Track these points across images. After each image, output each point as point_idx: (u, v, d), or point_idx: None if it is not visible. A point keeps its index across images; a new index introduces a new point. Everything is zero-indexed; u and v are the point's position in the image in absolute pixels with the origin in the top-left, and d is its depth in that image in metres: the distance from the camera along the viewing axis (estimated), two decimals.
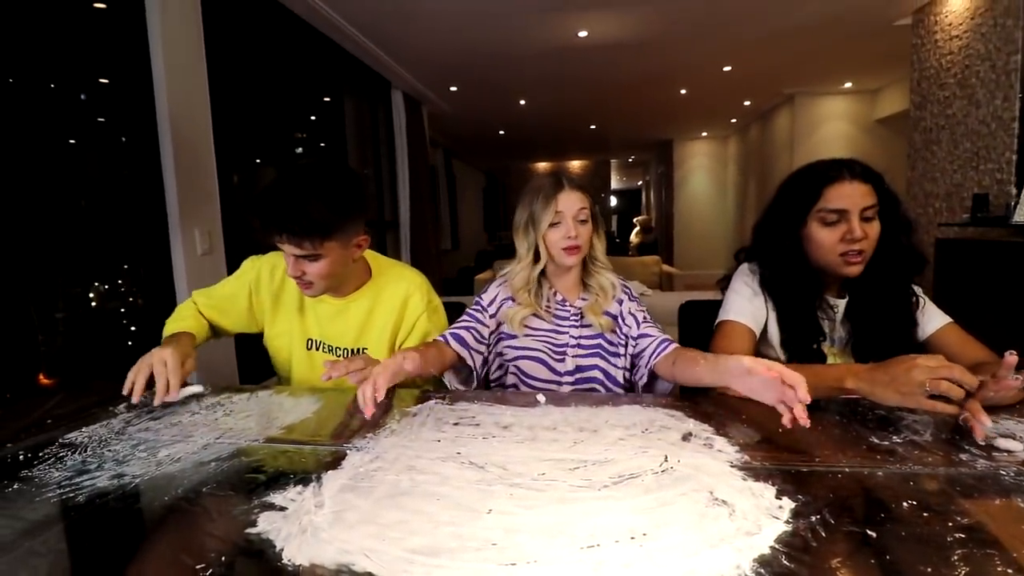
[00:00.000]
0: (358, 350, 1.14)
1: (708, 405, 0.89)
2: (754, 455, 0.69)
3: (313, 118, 4.01)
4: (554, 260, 1.12)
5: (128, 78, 2.03)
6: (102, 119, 2.02)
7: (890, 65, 4.66)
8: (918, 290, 1.05)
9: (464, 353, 1.08)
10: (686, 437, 0.75)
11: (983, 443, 0.71)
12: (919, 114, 3.53)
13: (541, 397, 0.92)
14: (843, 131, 5.72)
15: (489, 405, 0.89)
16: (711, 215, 8.62)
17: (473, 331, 1.12)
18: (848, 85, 5.53)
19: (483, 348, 1.13)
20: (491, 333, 1.15)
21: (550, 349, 1.12)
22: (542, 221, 1.08)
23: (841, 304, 1.06)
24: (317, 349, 1.16)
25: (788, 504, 0.57)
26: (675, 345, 1.05)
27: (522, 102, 5.83)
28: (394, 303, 1.14)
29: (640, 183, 14.08)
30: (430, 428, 0.80)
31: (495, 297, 1.17)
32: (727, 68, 4.85)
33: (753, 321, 1.04)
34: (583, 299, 1.16)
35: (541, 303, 1.15)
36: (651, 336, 1.09)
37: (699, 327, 1.33)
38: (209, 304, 1.18)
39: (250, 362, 2.34)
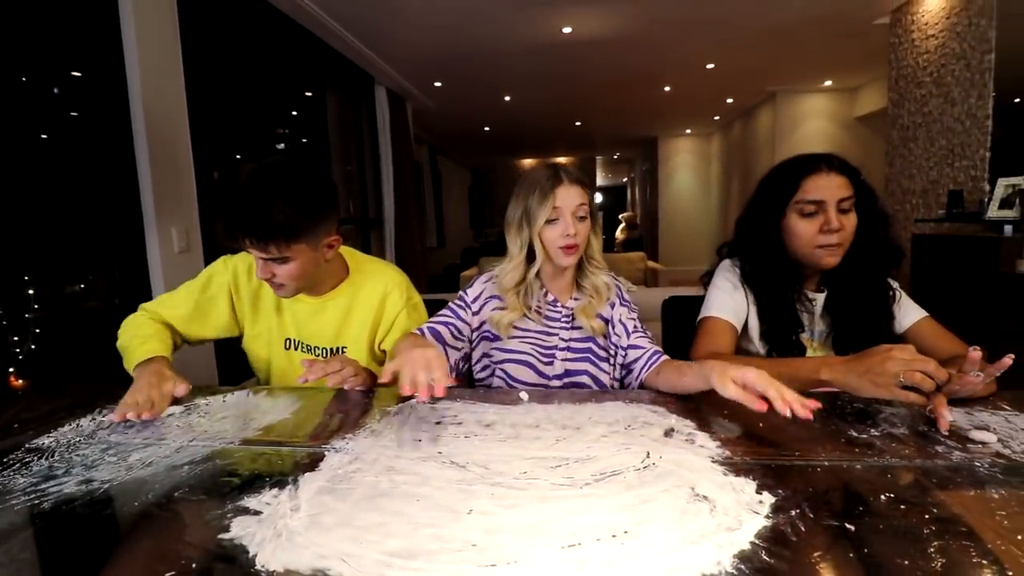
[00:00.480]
0: (337, 349, 1.12)
1: (690, 401, 0.89)
2: (735, 450, 0.70)
3: (295, 113, 3.95)
4: (551, 260, 1.05)
5: (102, 71, 1.97)
6: (75, 113, 1.97)
7: (869, 64, 4.73)
8: (894, 284, 1.07)
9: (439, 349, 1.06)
10: (668, 433, 0.75)
11: (946, 433, 0.73)
12: (896, 112, 3.60)
13: (524, 395, 0.92)
14: (823, 128, 5.80)
15: (471, 403, 0.88)
16: (695, 212, 8.69)
17: (452, 327, 1.08)
18: (828, 83, 5.60)
19: (462, 345, 1.10)
20: (473, 331, 1.12)
21: (538, 352, 1.08)
22: (538, 217, 1.01)
23: (820, 298, 1.08)
24: (296, 349, 1.13)
25: (768, 499, 0.58)
26: (664, 358, 1.01)
27: (507, 98, 5.80)
28: (372, 301, 1.12)
29: (625, 180, 14.15)
30: (411, 427, 0.79)
31: (480, 293, 1.12)
32: (710, 66, 4.88)
33: (735, 316, 1.05)
34: (575, 299, 1.11)
35: (531, 303, 1.09)
36: (641, 348, 1.05)
37: (682, 323, 1.33)
38: (182, 316, 1.10)
39: (229, 363, 2.29)
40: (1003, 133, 2.87)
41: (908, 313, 1.06)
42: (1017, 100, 3.06)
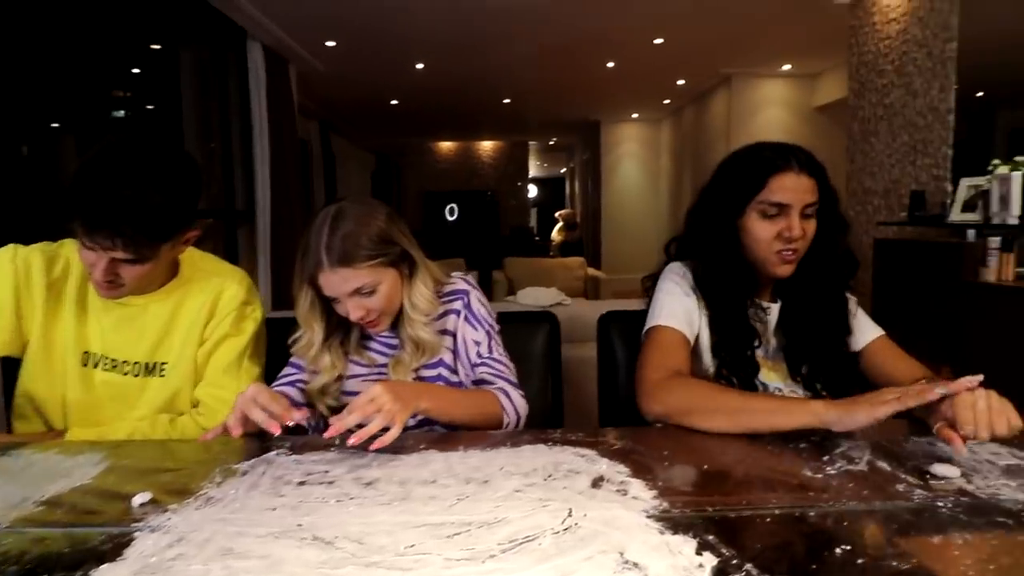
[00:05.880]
0: (153, 366, 1.08)
1: (626, 441, 0.89)
2: (675, 500, 0.70)
3: (136, 71, 3.70)
4: None
5: None
6: None
7: (829, 48, 5.13)
8: (852, 298, 1.16)
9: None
10: (596, 483, 0.75)
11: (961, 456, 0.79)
12: (857, 102, 3.94)
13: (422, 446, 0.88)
14: (781, 118, 6.26)
15: (352, 455, 0.84)
16: (643, 209, 9.05)
17: (300, 385, 1.10)
18: (787, 68, 6.06)
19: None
20: None
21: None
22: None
23: (774, 308, 1.15)
24: (96, 366, 1.07)
25: (710, 561, 0.58)
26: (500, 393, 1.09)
27: (419, 66, 5.77)
28: (203, 305, 1.10)
29: (563, 170, 14.49)
30: (264, 491, 0.73)
31: None
32: (659, 40, 5.12)
33: (688, 325, 1.08)
34: (393, 342, 1.13)
35: (349, 347, 1.12)
36: (486, 384, 1.10)
37: (623, 342, 1.35)
38: None
39: None
40: (966, 130, 3.21)
41: (864, 331, 1.15)
42: (980, 94, 3.45)
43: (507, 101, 7.62)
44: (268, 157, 4.46)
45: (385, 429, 0.85)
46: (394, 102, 7.44)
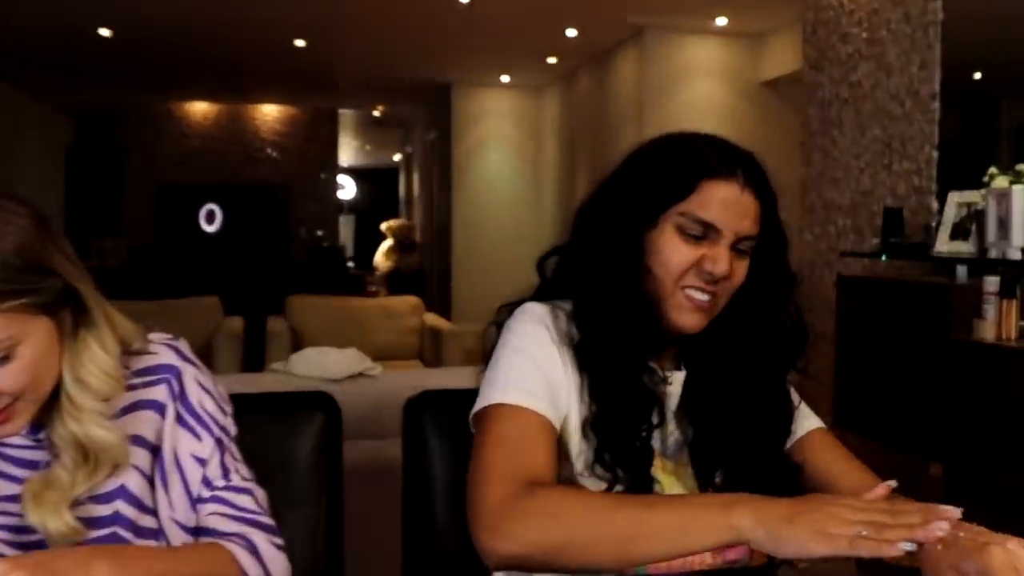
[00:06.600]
0: None
1: None
2: None
3: None
4: None
5: None
6: None
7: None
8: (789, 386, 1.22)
9: None
10: None
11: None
12: (815, 77, 4.30)
13: None
14: (716, 96, 6.72)
15: None
16: (516, 221, 9.24)
17: None
18: (722, 22, 6.51)
19: None
20: None
21: (11, 534, 1.01)
22: None
23: (677, 378, 1.17)
24: None
25: None
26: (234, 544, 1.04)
27: None
28: None
29: (397, 158, 14.58)
30: None
31: None
32: None
33: (549, 401, 1.07)
34: (35, 456, 1.05)
35: None
36: (217, 532, 1.05)
37: (446, 437, 1.32)
38: None
39: None
40: (960, 123, 3.55)
41: (800, 423, 1.21)
42: (978, 76, 3.84)
43: (301, 44, 7.57)
44: None
45: None
46: (105, 33, 7.17)
